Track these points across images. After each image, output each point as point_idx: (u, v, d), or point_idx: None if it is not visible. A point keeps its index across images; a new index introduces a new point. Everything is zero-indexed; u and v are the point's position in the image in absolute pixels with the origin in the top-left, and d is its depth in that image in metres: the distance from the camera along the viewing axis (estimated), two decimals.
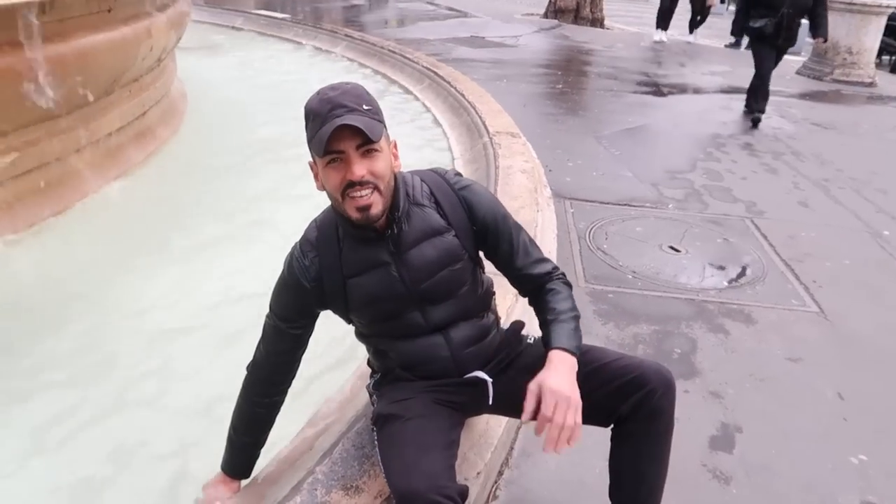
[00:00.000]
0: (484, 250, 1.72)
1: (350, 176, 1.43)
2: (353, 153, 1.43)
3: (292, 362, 1.76)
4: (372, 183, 1.45)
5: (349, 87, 1.46)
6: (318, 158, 1.47)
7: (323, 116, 1.41)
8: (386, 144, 1.50)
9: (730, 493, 2.14)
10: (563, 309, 1.65)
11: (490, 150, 4.43)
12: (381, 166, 1.46)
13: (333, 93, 1.43)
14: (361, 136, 1.41)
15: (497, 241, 1.67)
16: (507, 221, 1.68)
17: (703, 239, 4.02)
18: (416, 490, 1.35)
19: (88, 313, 2.96)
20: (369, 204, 1.46)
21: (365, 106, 1.44)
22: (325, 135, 1.39)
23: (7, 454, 2.19)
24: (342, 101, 1.42)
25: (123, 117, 4.43)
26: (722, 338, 3.00)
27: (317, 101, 1.44)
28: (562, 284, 1.71)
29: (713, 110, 7.25)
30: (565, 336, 1.59)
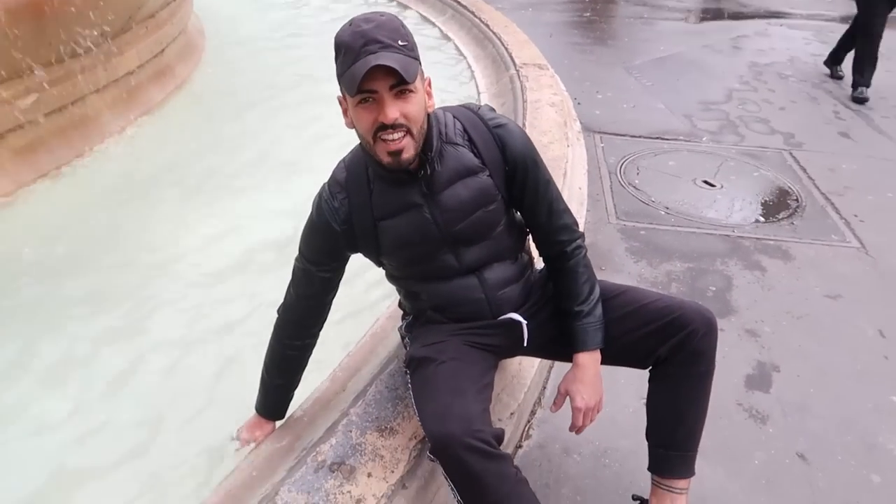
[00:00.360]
0: (514, 193, 1.63)
1: (382, 118, 1.34)
2: (386, 94, 1.33)
3: (323, 305, 1.73)
4: (405, 126, 1.37)
5: (384, 20, 1.34)
6: (348, 96, 1.38)
7: (356, 52, 1.31)
8: (421, 84, 1.40)
9: (766, 433, 2.11)
10: (584, 299, 1.62)
11: (517, 83, 4.28)
12: (414, 109, 1.37)
13: (367, 25, 1.32)
14: (396, 76, 1.31)
15: (523, 189, 1.58)
16: (538, 170, 1.58)
17: (739, 173, 3.89)
18: (451, 433, 1.34)
19: (114, 254, 2.96)
20: (401, 148, 1.38)
21: (400, 42, 1.33)
22: (358, 74, 1.29)
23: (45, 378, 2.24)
24: (376, 35, 1.31)
25: (141, 56, 4.34)
26: (758, 275, 2.93)
27: (349, 34, 1.33)
28: (581, 259, 1.65)
29: (750, 37, 6.93)
30: (590, 336, 1.61)
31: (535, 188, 1.59)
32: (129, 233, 3.13)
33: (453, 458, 1.33)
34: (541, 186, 1.59)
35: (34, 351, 2.41)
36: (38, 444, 2.07)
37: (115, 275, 2.84)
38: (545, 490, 1.89)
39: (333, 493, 1.48)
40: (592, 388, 1.60)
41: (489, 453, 1.33)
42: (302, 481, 1.51)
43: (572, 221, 1.66)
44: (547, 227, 1.63)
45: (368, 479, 1.53)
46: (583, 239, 1.67)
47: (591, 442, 2.05)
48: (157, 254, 2.99)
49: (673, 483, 1.64)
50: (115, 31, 3.90)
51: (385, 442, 1.62)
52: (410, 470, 1.59)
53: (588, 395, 1.59)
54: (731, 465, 1.99)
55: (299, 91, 4.71)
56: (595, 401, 1.61)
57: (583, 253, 1.66)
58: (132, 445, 2.06)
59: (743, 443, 2.07)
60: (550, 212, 1.61)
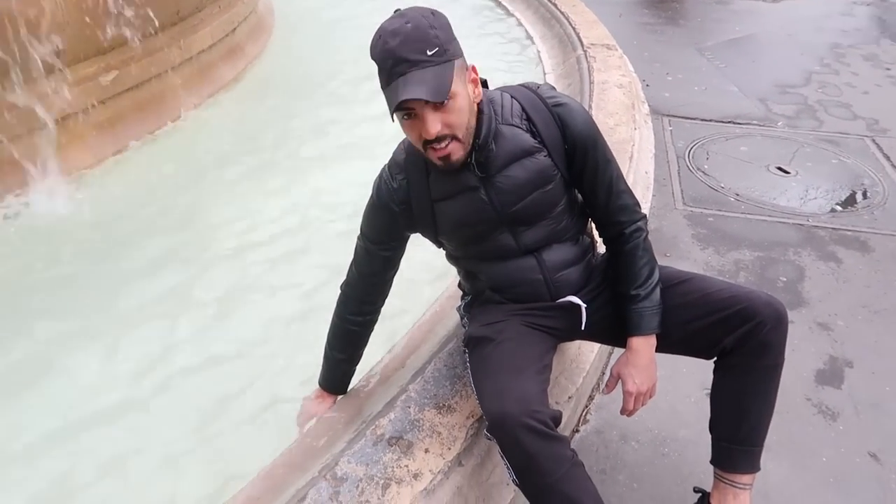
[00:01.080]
0: (571, 175, 1.60)
1: (426, 135, 1.35)
2: (424, 111, 1.33)
3: (384, 283, 1.76)
4: (449, 135, 1.37)
5: (410, 30, 1.29)
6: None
7: (387, 72, 1.31)
8: (460, 82, 1.36)
9: (836, 430, 2.03)
10: (641, 282, 1.58)
11: (584, 64, 4.19)
12: (455, 115, 1.36)
13: (393, 42, 1.29)
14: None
15: (583, 168, 1.55)
16: (597, 149, 1.55)
17: (816, 159, 3.72)
18: (509, 413, 1.34)
19: (188, 227, 3.07)
20: (448, 153, 1.40)
21: (429, 51, 1.29)
22: (391, 101, 1.31)
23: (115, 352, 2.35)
24: (403, 53, 1.28)
25: (214, 34, 4.45)
26: (833, 266, 2.81)
27: (378, 52, 1.32)
28: (640, 241, 1.60)
29: (832, 16, 6.58)
30: (645, 321, 1.57)
31: (595, 167, 1.55)
32: (200, 205, 3.25)
33: (510, 437, 1.33)
34: (600, 166, 1.55)
35: (105, 314, 2.54)
36: (104, 404, 2.18)
37: (185, 244, 2.95)
38: (601, 476, 1.88)
39: (391, 467, 1.51)
40: (646, 373, 1.58)
41: (546, 434, 1.32)
42: (361, 453, 1.54)
43: (633, 203, 1.61)
44: (606, 208, 1.59)
45: (426, 454, 1.55)
46: (644, 221, 1.63)
47: (650, 430, 2.02)
48: (227, 225, 3.09)
49: (736, 478, 1.60)
50: (190, 11, 4.02)
51: (442, 419, 1.64)
52: (467, 448, 1.60)
53: (640, 380, 1.57)
54: (797, 461, 1.93)
55: (366, 70, 4.73)
56: (648, 386, 1.58)
57: (643, 236, 1.61)
58: (198, 412, 2.15)
59: (811, 439, 2.00)
60: (610, 192, 1.57)
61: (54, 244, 2.91)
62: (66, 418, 2.12)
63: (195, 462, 1.98)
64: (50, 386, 2.24)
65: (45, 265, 2.77)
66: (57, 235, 2.97)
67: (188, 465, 1.97)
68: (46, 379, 2.27)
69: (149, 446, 2.04)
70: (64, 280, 2.70)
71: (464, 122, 1.39)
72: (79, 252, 2.86)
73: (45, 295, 2.61)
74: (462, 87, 1.37)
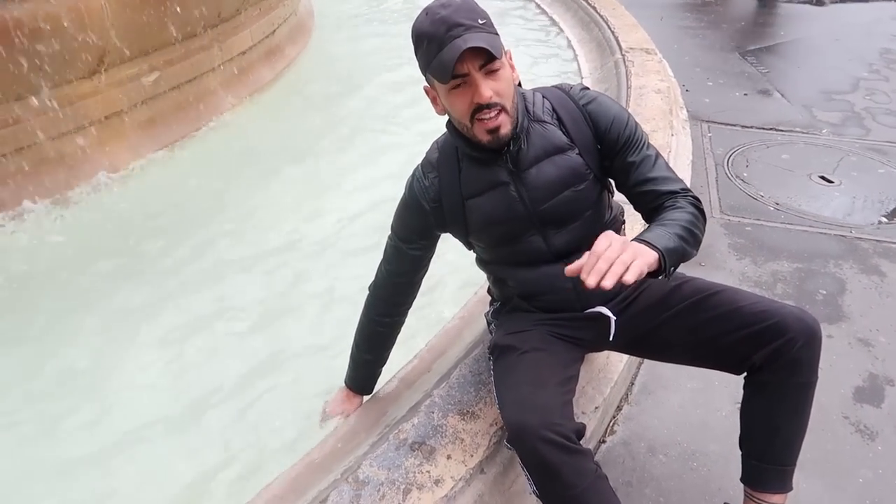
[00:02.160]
0: (607, 165, 1.55)
1: (478, 99, 1.36)
2: (477, 75, 1.34)
3: (413, 283, 1.76)
4: (499, 104, 1.38)
5: (459, 2, 1.35)
6: (438, 84, 1.40)
7: (440, 38, 1.32)
8: (505, 58, 1.41)
9: (874, 450, 1.96)
10: (675, 218, 1.40)
11: (622, 68, 4.14)
12: (504, 84, 1.38)
13: (445, 10, 1.33)
14: (484, 56, 1.32)
15: (621, 152, 1.51)
16: (635, 132, 1.51)
17: (862, 169, 3.61)
18: (529, 424, 1.32)
19: (223, 221, 3.13)
20: (498, 125, 1.40)
21: (480, 20, 1.34)
22: (449, 59, 1.30)
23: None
24: (457, 18, 1.31)
25: (254, 36, 4.53)
26: (876, 280, 2.71)
27: (429, 23, 1.34)
28: (689, 203, 1.47)
29: (884, 21, 6.38)
30: (656, 234, 1.33)
31: (635, 149, 1.50)
32: (238, 202, 3.31)
33: (529, 449, 1.32)
34: (640, 147, 1.51)
35: (139, 306, 2.60)
36: (138, 396, 2.23)
37: (223, 241, 3.01)
38: (627, 488, 1.85)
39: (413, 472, 1.51)
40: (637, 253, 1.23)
41: (567, 447, 1.30)
42: (383, 457, 1.54)
43: (679, 187, 1.51)
44: (647, 178, 1.50)
45: (448, 460, 1.54)
46: (691, 195, 1.51)
47: (679, 443, 1.98)
48: (264, 223, 3.14)
49: (767, 497, 1.55)
50: (231, 13, 4.09)
51: (466, 426, 1.63)
52: (490, 455, 1.59)
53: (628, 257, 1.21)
54: (832, 480, 1.87)
55: (403, 72, 4.76)
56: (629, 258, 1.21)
57: (696, 201, 1.48)
58: (223, 411, 2.18)
59: (847, 458, 1.94)
60: (652, 166, 1.50)
61: (93, 242, 2.99)
62: (97, 417, 2.17)
63: (217, 460, 2.01)
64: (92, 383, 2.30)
65: (83, 263, 2.85)
66: (97, 233, 3.05)
67: (210, 463, 2.00)
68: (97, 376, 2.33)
69: (171, 445, 2.07)
70: (101, 277, 2.77)
71: (511, 94, 1.41)
72: (118, 248, 2.93)
73: (85, 292, 2.68)
74: (507, 62, 1.42)
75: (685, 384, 2.18)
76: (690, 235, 1.41)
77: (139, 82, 3.51)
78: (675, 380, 2.20)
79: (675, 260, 1.34)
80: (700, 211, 1.49)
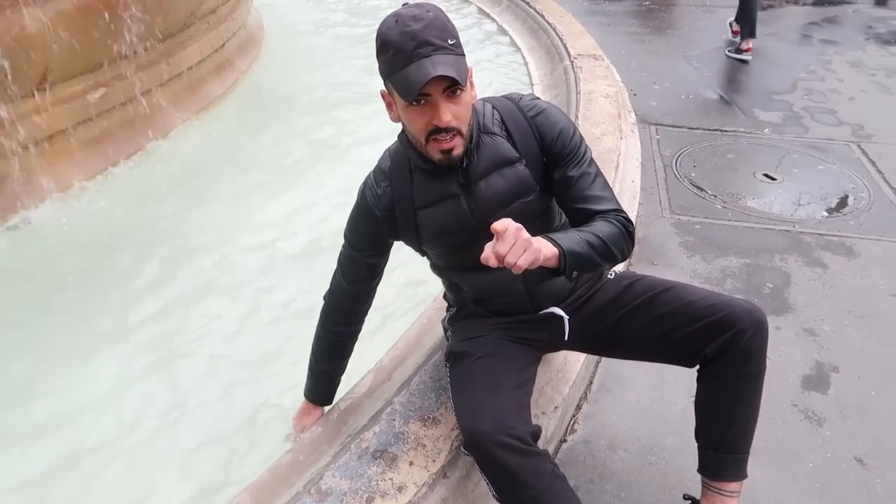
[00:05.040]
0: (552, 176, 1.57)
1: (437, 122, 1.35)
2: (440, 98, 1.33)
3: (368, 291, 1.76)
4: (456, 129, 1.38)
5: (432, 17, 1.31)
6: (398, 97, 1.37)
7: (408, 54, 1.28)
8: (468, 79, 1.40)
9: (822, 435, 2.04)
10: (594, 229, 1.42)
11: (571, 75, 4.23)
12: (463, 109, 1.38)
13: (416, 25, 1.29)
14: (449, 80, 1.30)
15: (561, 165, 1.52)
16: (578, 147, 1.53)
17: (802, 166, 3.74)
18: (483, 431, 1.34)
19: (175, 239, 3.09)
20: (452, 147, 1.40)
21: (450, 40, 1.31)
22: (417, 83, 1.28)
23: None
24: (427, 36, 1.28)
25: (203, 50, 4.47)
26: (819, 272, 2.82)
27: (397, 34, 1.30)
28: (618, 222, 1.48)
29: (818, 24, 6.64)
30: (565, 236, 1.37)
31: (576, 164, 1.51)
32: (189, 219, 3.25)
33: (485, 454, 1.33)
34: (582, 164, 1.52)
35: (91, 326, 2.55)
36: (88, 416, 2.18)
37: (174, 257, 2.96)
38: (588, 486, 1.88)
39: (376, 480, 1.51)
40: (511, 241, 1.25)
41: (522, 450, 1.32)
42: (346, 467, 1.54)
43: (611, 206, 1.52)
44: (582, 195, 1.50)
45: (410, 467, 1.55)
46: (632, 225, 1.54)
47: (638, 439, 2.03)
48: (215, 240, 3.09)
49: (723, 486, 1.59)
50: (178, 28, 4.03)
51: (427, 431, 1.64)
52: (452, 460, 1.60)
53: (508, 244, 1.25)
54: (784, 467, 1.93)
55: (356, 83, 4.76)
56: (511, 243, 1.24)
57: (626, 223, 1.49)
58: (181, 426, 2.15)
59: (797, 445, 2.01)
60: (590, 184, 1.51)
61: (44, 261, 2.91)
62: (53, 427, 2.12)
63: (179, 476, 1.97)
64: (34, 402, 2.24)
65: (36, 282, 2.77)
66: (46, 252, 2.97)
67: (171, 480, 1.96)
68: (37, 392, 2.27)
69: (132, 461, 2.03)
70: (53, 296, 2.70)
71: (468, 118, 1.41)
72: (65, 269, 2.86)
73: (34, 311, 2.61)
74: (468, 84, 1.40)
75: (642, 380, 2.23)
76: (604, 247, 1.42)
77: (84, 99, 3.43)
78: (633, 377, 2.24)
79: (579, 265, 1.36)
80: (627, 232, 1.50)
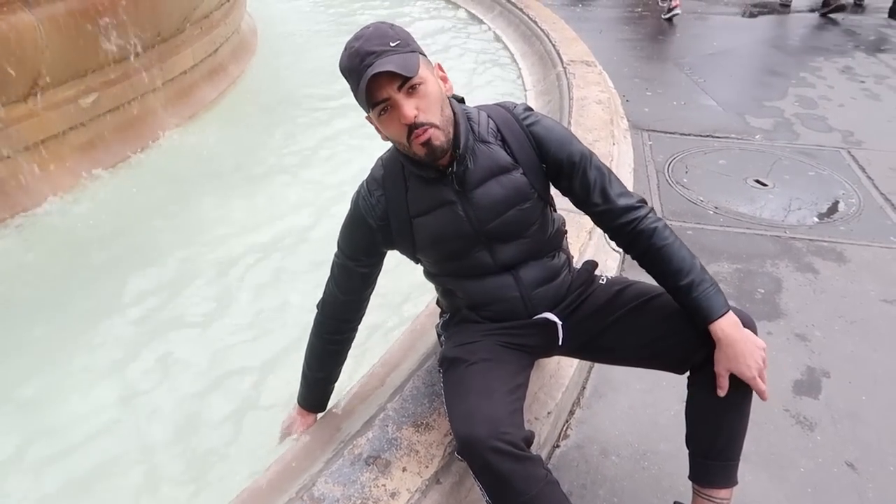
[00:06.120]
0: (559, 188, 1.62)
1: (403, 120, 1.37)
2: (398, 96, 1.36)
3: (361, 301, 1.76)
4: (424, 123, 1.39)
5: (371, 31, 1.39)
6: (370, 112, 1.43)
7: (358, 71, 1.36)
8: (428, 72, 1.42)
9: (813, 440, 2.05)
10: (686, 269, 1.51)
11: (564, 81, 4.24)
12: (428, 100, 1.39)
13: (358, 42, 1.37)
14: (399, 78, 1.35)
15: (571, 178, 1.56)
16: (580, 157, 1.56)
17: (793, 172, 3.77)
18: (477, 436, 1.34)
19: (167, 243, 3.08)
20: (429, 137, 1.40)
21: (392, 43, 1.37)
22: (364, 89, 1.35)
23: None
24: (368, 47, 1.35)
25: (196, 55, 4.47)
26: (810, 277, 2.84)
27: (347, 58, 1.39)
28: (660, 230, 1.55)
29: (809, 31, 6.70)
30: (713, 302, 1.48)
31: (583, 176, 1.55)
32: (182, 223, 3.25)
33: (479, 460, 1.34)
34: (588, 173, 1.55)
35: (80, 334, 2.53)
36: (84, 427, 2.16)
37: (169, 262, 2.95)
38: (581, 491, 1.88)
39: (368, 486, 1.51)
40: (749, 352, 1.45)
41: (516, 455, 1.33)
42: (339, 473, 1.54)
43: (635, 200, 1.57)
44: (608, 213, 1.56)
45: (403, 473, 1.55)
46: (653, 212, 1.58)
47: (631, 444, 2.03)
48: (208, 242, 3.09)
49: (714, 493, 1.59)
50: (171, 32, 4.03)
51: (420, 437, 1.64)
52: (445, 466, 1.60)
53: (751, 361, 1.45)
54: (775, 472, 1.94)
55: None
56: (759, 359, 1.46)
57: (660, 224, 1.56)
58: (174, 432, 2.14)
59: (789, 450, 2.02)
60: (606, 196, 1.55)
61: (34, 265, 2.90)
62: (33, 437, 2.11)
63: (172, 482, 1.97)
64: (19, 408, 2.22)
65: (23, 286, 2.76)
66: (37, 259, 2.96)
67: (164, 485, 1.95)
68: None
69: (125, 466, 2.02)
70: (41, 301, 2.68)
71: (437, 109, 1.41)
72: (59, 274, 2.85)
73: (20, 316, 2.60)
74: (430, 76, 1.42)
75: (634, 385, 2.24)
76: (701, 266, 1.54)
77: (77, 104, 3.42)
78: (625, 382, 2.25)
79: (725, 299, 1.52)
80: (667, 227, 1.56)
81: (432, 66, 1.47)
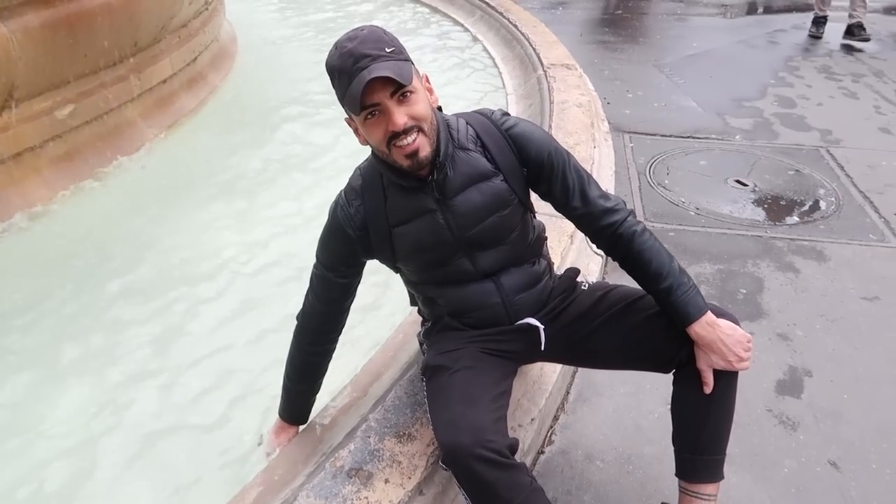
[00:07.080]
0: (538, 192, 1.62)
1: (392, 127, 1.36)
2: (389, 103, 1.36)
3: (341, 312, 1.74)
4: (415, 126, 1.39)
5: (365, 33, 1.38)
6: (354, 116, 1.42)
7: (349, 72, 1.34)
8: (419, 82, 1.42)
9: (796, 439, 2.06)
10: (665, 272, 1.53)
11: (544, 84, 4.25)
12: (419, 108, 1.39)
13: (352, 43, 1.35)
14: (393, 84, 1.34)
15: (550, 182, 1.57)
16: (559, 160, 1.56)
17: (773, 171, 3.80)
18: (462, 444, 1.34)
19: (146, 256, 3.04)
20: (416, 148, 1.40)
21: (387, 49, 1.36)
22: (357, 92, 1.32)
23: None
24: (363, 50, 1.33)
25: (174, 64, 4.43)
26: (791, 276, 2.85)
27: (337, 57, 1.36)
28: (638, 234, 1.56)
29: (787, 31, 6.77)
30: (691, 305, 1.50)
31: (563, 180, 1.56)
32: (159, 235, 3.21)
33: (464, 468, 1.33)
34: (568, 177, 1.56)
35: (63, 346, 2.50)
36: (62, 440, 2.13)
37: (147, 275, 2.91)
38: (567, 497, 1.87)
39: (351, 499, 1.49)
40: (729, 346, 1.48)
41: (501, 463, 1.32)
42: (320, 486, 1.52)
43: (615, 203, 1.58)
44: (589, 217, 1.57)
45: (385, 485, 1.53)
46: (633, 215, 1.60)
47: (615, 448, 2.03)
48: (188, 255, 3.05)
49: (700, 488, 1.60)
50: (148, 42, 4.00)
51: (403, 448, 1.62)
52: (427, 476, 1.59)
53: (729, 352, 1.48)
54: (759, 472, 1.94)
55: (330, 100, 4.73)
56: (742, 347, 1.49)
57: (640, 227, 1.57)
58: (154, 447, 2.10)
59: (772, 450, 2.02)
60: (586, 200, 1.56)
61: (8, 281, 2.85)
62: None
63: (152, 498, 1.93)
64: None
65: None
66: (11, 272, 2.91)
67: (143, 500, 1.92)
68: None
69: (104, 483, 1.99)
70: (16, 314, 2.64)
71: (428, 116, 1.42)
72: (35, 288, 2.80)
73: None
74: (420, 86, 1.43)
75: (618, 389, 2.24)
76: (680, 268, 1.56)
77: (53, 116, 3.38)
78: (609, 386, 2.25)
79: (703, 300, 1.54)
80: (646, 230, 1.58)
81: (421, 77, 1.46)
